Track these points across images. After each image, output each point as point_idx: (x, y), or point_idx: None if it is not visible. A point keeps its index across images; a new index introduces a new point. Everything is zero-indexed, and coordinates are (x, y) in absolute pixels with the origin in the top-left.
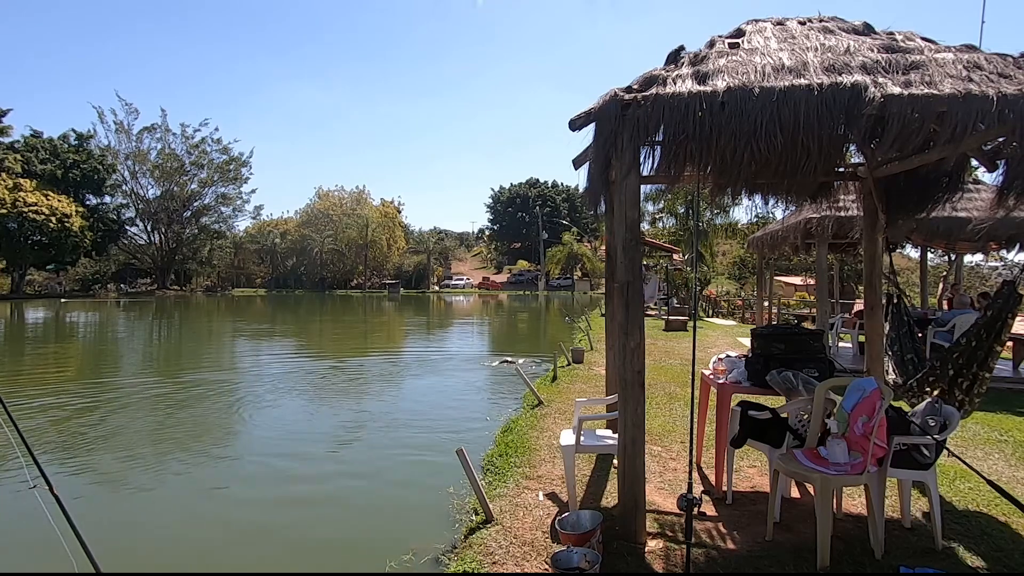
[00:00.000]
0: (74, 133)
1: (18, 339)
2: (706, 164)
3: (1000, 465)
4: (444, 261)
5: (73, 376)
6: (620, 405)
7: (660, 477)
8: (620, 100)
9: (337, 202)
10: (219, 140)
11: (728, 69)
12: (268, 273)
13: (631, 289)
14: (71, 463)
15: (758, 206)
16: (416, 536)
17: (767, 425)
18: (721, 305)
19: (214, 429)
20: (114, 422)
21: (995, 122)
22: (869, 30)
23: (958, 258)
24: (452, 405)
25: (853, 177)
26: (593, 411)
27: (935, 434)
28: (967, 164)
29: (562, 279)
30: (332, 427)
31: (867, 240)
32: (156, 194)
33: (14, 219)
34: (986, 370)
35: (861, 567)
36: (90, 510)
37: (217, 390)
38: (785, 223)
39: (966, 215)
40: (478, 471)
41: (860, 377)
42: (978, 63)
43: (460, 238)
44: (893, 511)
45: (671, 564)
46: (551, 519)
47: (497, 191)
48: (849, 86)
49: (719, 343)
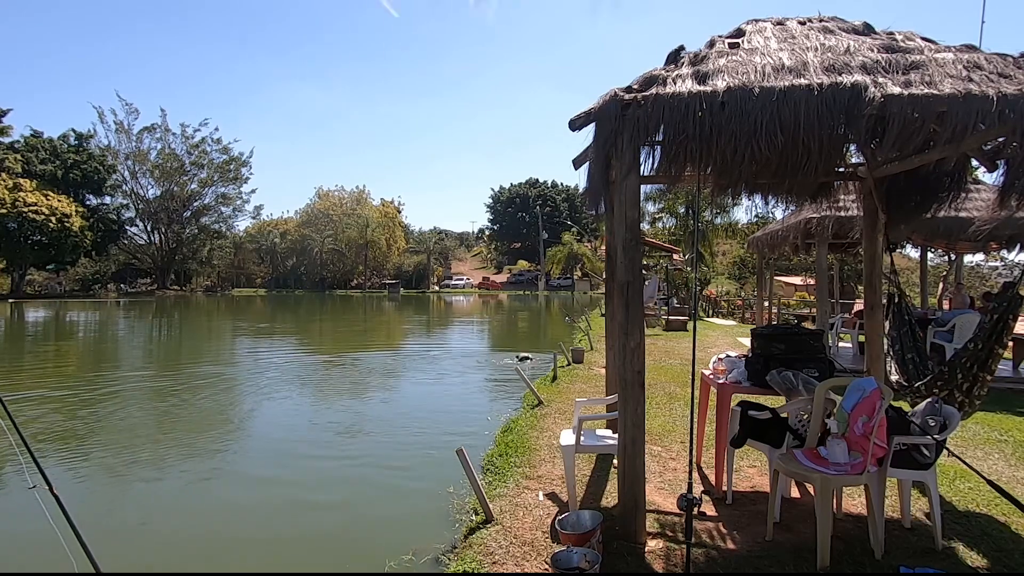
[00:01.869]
0: (74, 133)
1: (18, 338)
2: (706, 164)
3: (1000, 465)
4: (444, 261)
5: (73, 375)
6: (620, 405)
7: (660, 477)
8: (620, 100)
9: (337, 202)
10: (219, 140)
11: (728, 69)
12: (268, 273)
13: (631, 289)
14: (71, 462)
15: (758, 206)
16: (416, 536)
17: (767, 425)
18: (721, 305)
19: (214, 429)
20: (114, 421)
21: (995, 122)
22: (869, 30)
23: (958, 258)
24: (452, 405)
25: (853, 177)
26: (593, 411)
27: (935, 434)
28: (968, 164)
29: (562, 279)
30: (332, 427)
31: (867, 240)
32: (156, 194)
33: (14, 219)
34: (987, 372)
35: (861, 567)
36: (90, 510)
37: (217, 389)
38: (785, 223)
39: (966, 215)
40: (478, 471)
41: (860, 377)
42: (978, 63)
43: (460, 238)
44: (893, 511)
45: (671, 564)
46: (551, 519)
47: (497, 191)
48: (849, 86)
49: (719, 343)
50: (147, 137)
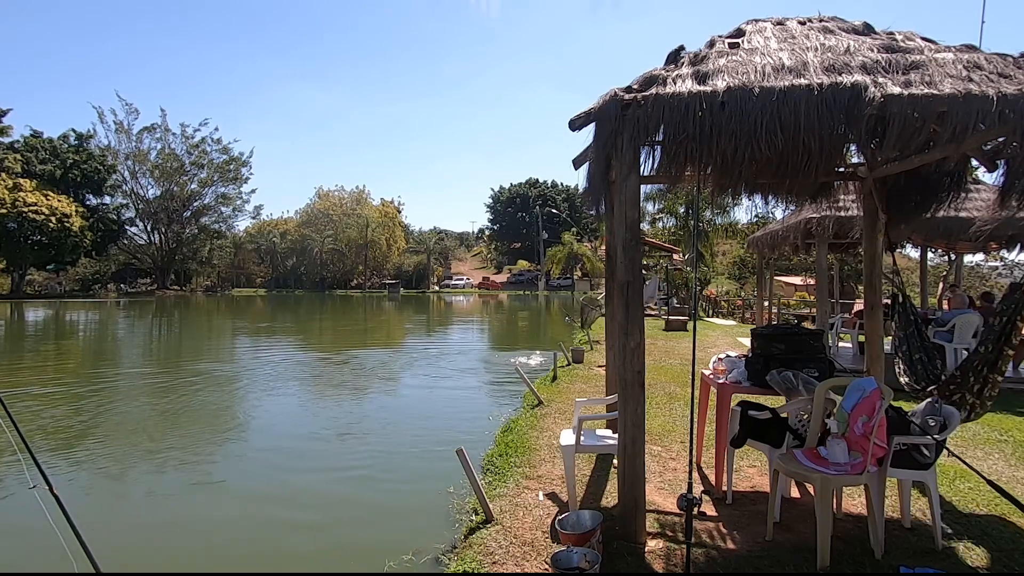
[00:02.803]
0: (74, 133)
1: (18, 338)
2: (706, 164)
3: (1000, 465)
4: (444, 261)
5: (72, 375)
6: (620, 405)
7: (660, 477)
8: (620, 100)
9: (337, 202)
10: (219, 140)
11: (728, 69)
12: (268, 273)
13: (631, 289)
14: (71, 462)
15: (758, 206)
16: (416, 536)
17: (767, 425)
18: (721, 305)
19: (213, 427)
20: (114, 421)
21: (995, 122)
22: (869, 30)
23: (958, 258)
24: (452, 404)
25: (853, 177)
26: (593, 411)
27: (935, 434)
28: (968, 164)
29: (562, 279)
30: (331, 426)
31: (867, 240)
32: (156, 194)
33: (14, 219)
34: (997, 373)
35: (861, 567)
36: (90, 510)
37: (216, 388)
38: (785, 223)
39: (966, 215)
40: (478, 471)
41: (860, 377)
42: (978, 63)
43: (460, 238)
44: (893, 511)
45: (671, 564)
46: (551, 519)
47: (497, 191)
48: (849, 86)
49: (719, 343)
50: (147, 137)
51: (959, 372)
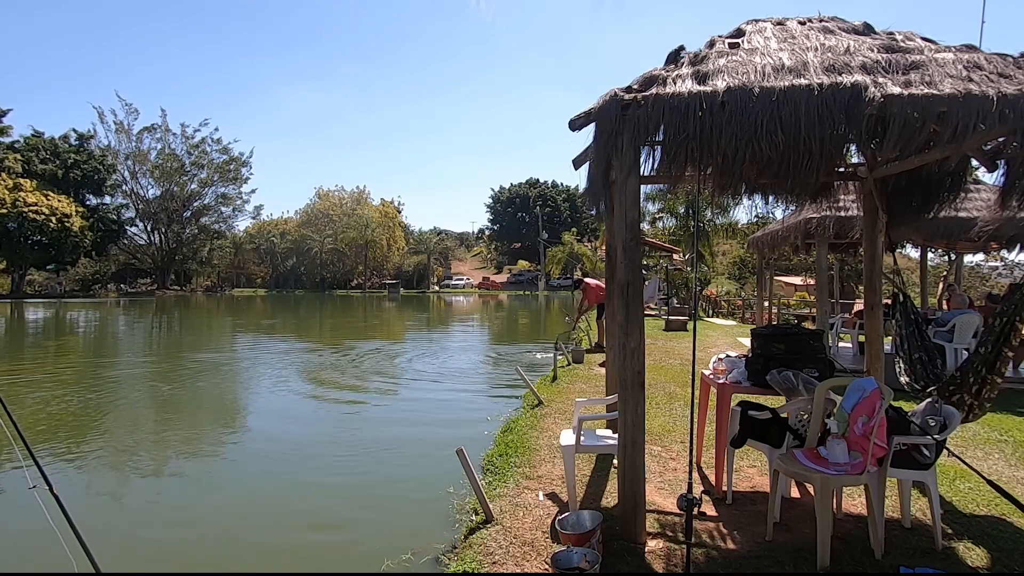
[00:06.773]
0: (74, 133)
1: (18, 338)
2: (707, 164)
3: (1000, 465)
4: (444, 261)
5: (72, 375)
6: (620, 405)
7: (660, 477)
8: (620, 100)
9: (337, 202)
10: (219, 140)
11: (728, 69)
12: (268, 273)
13: (631, 289)
14: (71, 462)
15: (758, 206)
16: (416, 536)
17: (767, 425)
18: (721, 305)
19: (212, 427)
20: (114, 420)
21: (995, 122)
22: (869, 30)
23: (958, 258)
24: (452, 404)
25: (853, 177)
26: (593, 411)
27: (935, 434)
28: (968, 164)
29: (562, 279)
30: (331, 425)
31: (867, 240)
32: (156, 194)
33: (14, 219)
34: (995, 374)
35: (861, 567)
36: (90, 510)
37: (216, 387)
38: (785, 223)
39: (966, 215)
40: (478, 471)
41: (860, 377)
42: (978, 63)
43: (460, 238)
44: (893, 511)
45: (671, 564)
46: (551, 519)
47: (497, 191)
48: (849, 86)
49: (719, 343)
50: (147, 137)
51: (959, 373)
